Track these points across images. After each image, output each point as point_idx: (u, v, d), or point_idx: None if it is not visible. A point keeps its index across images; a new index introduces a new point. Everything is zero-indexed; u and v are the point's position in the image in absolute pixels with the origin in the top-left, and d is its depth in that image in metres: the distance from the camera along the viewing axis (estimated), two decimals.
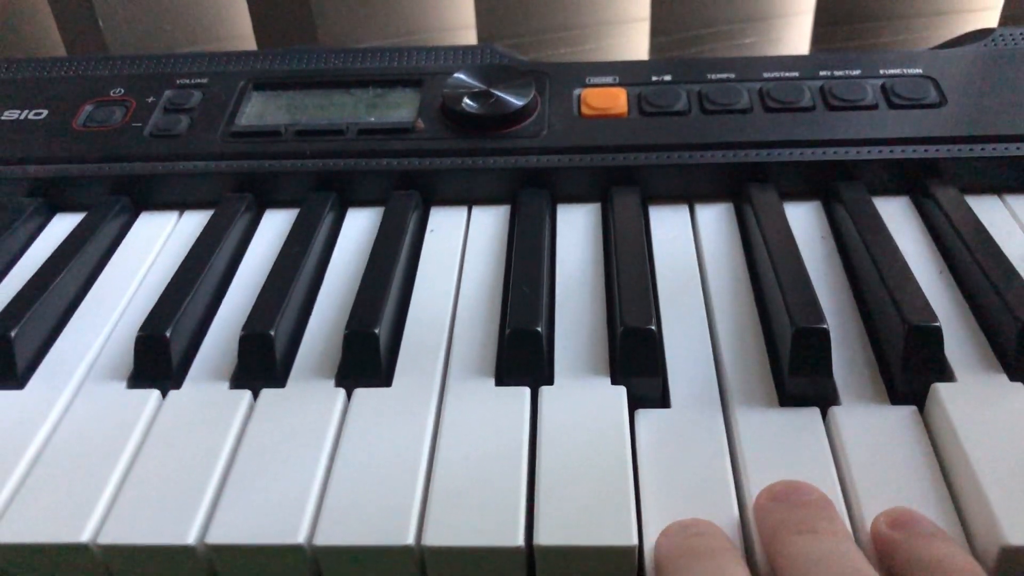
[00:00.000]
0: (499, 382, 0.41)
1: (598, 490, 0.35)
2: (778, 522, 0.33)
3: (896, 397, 0.39)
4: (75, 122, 0.57)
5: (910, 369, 0.39)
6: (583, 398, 0.39)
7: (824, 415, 0.39)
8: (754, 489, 0.35)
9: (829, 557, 0.30)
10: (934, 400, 0.38)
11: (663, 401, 0.40)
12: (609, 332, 0.43)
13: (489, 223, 0.52)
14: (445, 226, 0.52)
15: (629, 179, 0.52)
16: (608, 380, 0.40)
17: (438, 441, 0.37)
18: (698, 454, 0.37)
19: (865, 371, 0.40)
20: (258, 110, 0.58)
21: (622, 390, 0.39)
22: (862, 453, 0.36)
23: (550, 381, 0.41)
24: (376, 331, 0.41)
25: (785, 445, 0.37)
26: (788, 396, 0.39)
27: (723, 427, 0.38)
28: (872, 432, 0.37)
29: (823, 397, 0.39)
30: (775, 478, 0.35)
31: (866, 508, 0.34)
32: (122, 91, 0.60)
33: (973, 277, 0.44)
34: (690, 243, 0.49)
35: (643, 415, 0.39)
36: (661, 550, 0.33)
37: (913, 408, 0.38)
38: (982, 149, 0.51)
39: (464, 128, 0.54)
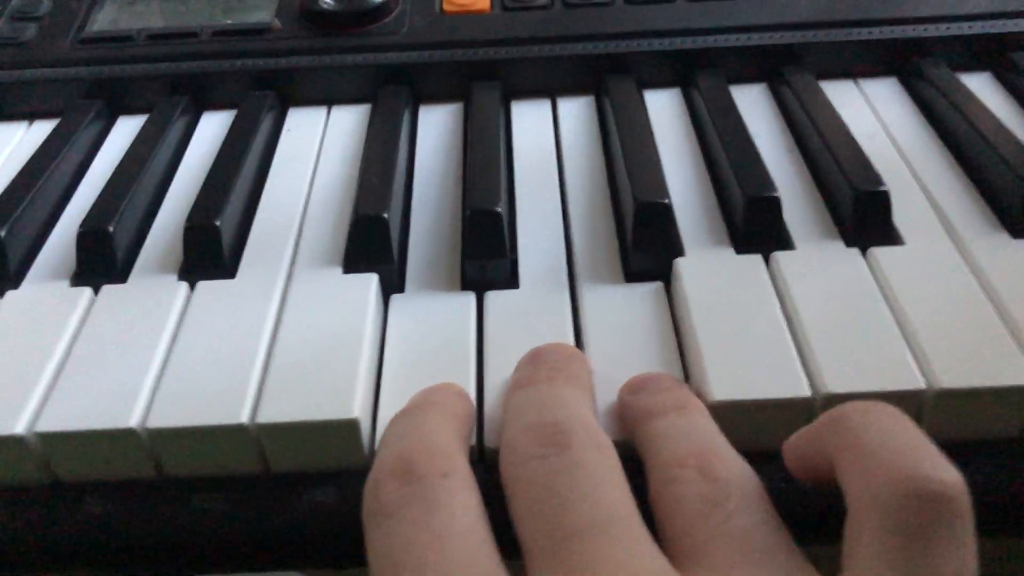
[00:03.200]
0: (347, 270, 0.40)
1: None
2: (512, 382, 0.34)
3: None
4: None
5: (752, 236, 0.40)
6: (432, 306, 0.39)
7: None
8: (596, 362, 0.35)
9: (528, 402, 0.31)
10: (775, 265, 0.39)
11: (514, 284, 0.40)
12: (462, 219, 0.43)
13: (348, 122, 0.51)
14: (302, 126, 0.51)
15: (492, 75, 0.52)
16: (459, 276, 0.40)
17: (279, 326, 0.37)
18: (544, 332, 0.37)
19: (712, 240, 0.41)
20: (111, 17, 0.56)
21: (470, 296, 0.39)
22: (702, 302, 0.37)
23: (401, 270, 0.41)
24: (217, 223, 0.40)
25: (628, 317, 0.38)
26: (632, 272, 0.40)
27: (569, 305, 0.39)
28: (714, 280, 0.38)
29: (666, 271, 0.40)
30: (618, 351, 0.36)
31: (705, 349, 0.35)
32: None
33: (817, 151, 0.45)
34: (550, 135, 0.49)
35: (492, 296, 0.39)
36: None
37: (757, 256, 0.39)
38: (837, 34, 0.52)
39: (323, 26, 0.53)
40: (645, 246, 0.40)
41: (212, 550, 0.34)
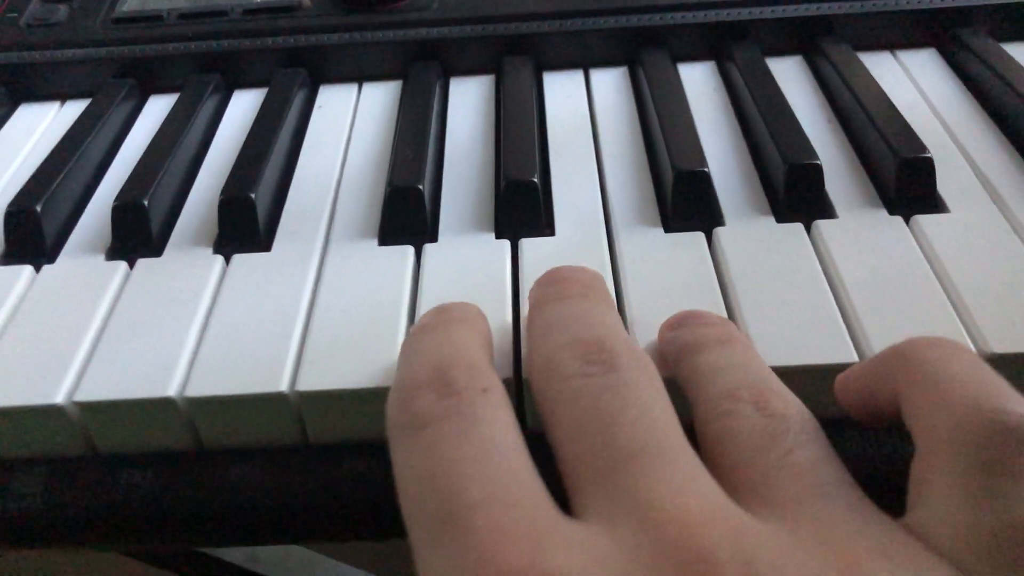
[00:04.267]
0: (382, 243, 0.40)
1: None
2: (533, 300, 0.32)
3: None
4: None
5: (793, 205, 0.39)
6: (466, 253, 0.39)
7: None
8: (635, 306, 0.35)
9: (562, 318, 0.29)
10: (817, 233, 0.38)
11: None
12: (496, 192, 0.43)
13: (380, 98, 0.51)
14: (334, 102, 0.50)
15: (524, 49, 0.52)
16: (493, 236, 0.40)
17: (316, 297, 0.37)
18: None
19: (751, 209, 0.40)
20: None
21: (505, 243, 0.39)
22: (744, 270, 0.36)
23: (434, 240, 0.40)
24: (252, 195, 0.40)
25: (668, 265, 0.37)
26: None
27: (607, 252, 0.38)
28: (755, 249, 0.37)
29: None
30: (658, 295, 0.35)
31: (748, 316, 0.34)
32: None
33: (857, 121, 0.44)
34: (584, 105, 0.49)
35: (528, 244, 0.38)
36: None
37: (798, 224, 0.39)
38: (873, 4, 0.51)
39: (353, 3, 0.52)
40: (684, 215, 0.39)
41: (251, 521, 0.34)
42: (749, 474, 0.25)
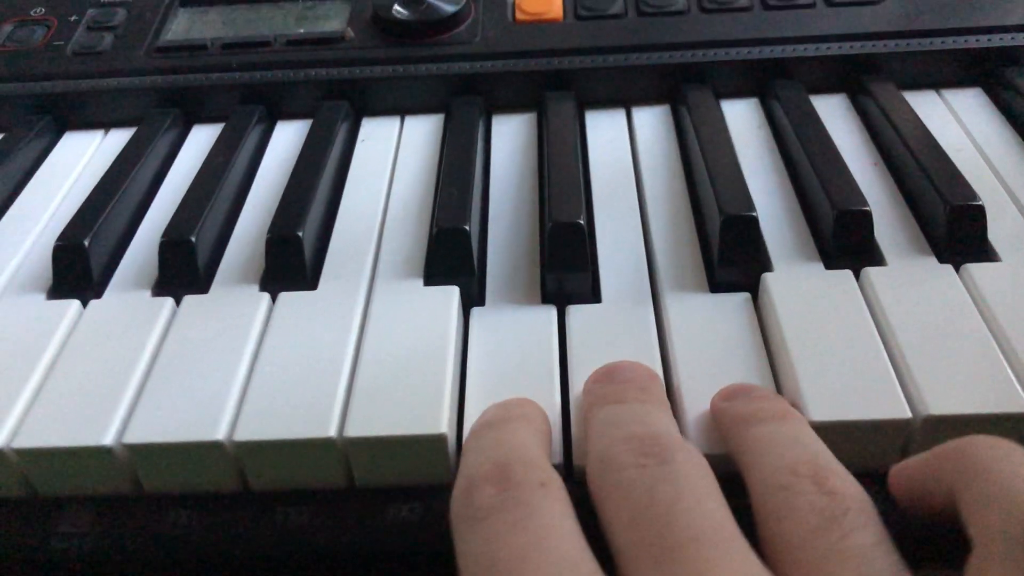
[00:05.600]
0: (427, 283, 0.40)
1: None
2: (592, 399, 0.33)
3: None
4: None
5: (841, 251, 0.39)
6: (514, 320, 0.38)
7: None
8: (683, 373, 0.35)
9: (620, 417, 0.31)
10: (866, 281, 0.38)
11: (595, 298, 0.40)
12: (541, 233, 0.43)
13: (422, 132, 0.51)
14: (377, 135, 0.50)
15: (565, 84, 0.52)
16: (539, 298, 0.40)
17: (363, 339, 0.37)
18: (628, 346, 0.37)
19: (799, 254, 0.40)
20: (184, 26, 0.56)
21: (552, 312, 0.39)
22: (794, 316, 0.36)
23: (481, 282, 0.40)
24: (299, 233, 0.40)
25: (715, 329, 0.37)
26: (717, 287, 0.39)
27: (652, 318, 0.38)
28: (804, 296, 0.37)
29: (753, 286, 0.39)
30: (705, 361, 0.35)
31: (799, 366, 0.34)
32: (43, 10, 0.58)
33: (905, 165, 0.43)
34: (626, 145, 0.49)
35: (574, 311, 0.38)
36: (470, 430, 0.33)
37: (847, 272, 0.38)
38: (919, 44, 0.50)
39: (395, 36, 0.53)
40: (732, 260, 0.39)
41: (296, 564, 0.34)
42: (803, 556, 0.25)
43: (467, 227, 0.40)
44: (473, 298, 0.40)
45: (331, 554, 0.33)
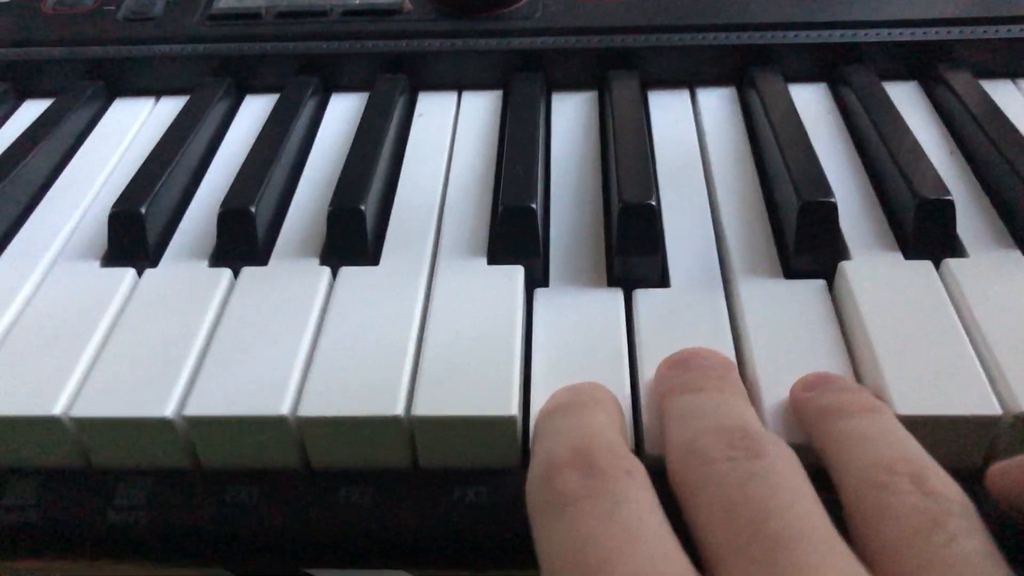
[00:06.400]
0: (491, 261, 0.39)
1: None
2: (668, 387, 0.32)
3: None
4: (44, 5, 0.54)
5: (922, 241, 0.37)
6: (578, 303, 0.37)
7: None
8: (760, 361, 0.34)
9: (702, 407, 0.29)
10: (947, 272, 0.36)
11: (662, 283, 0.38)
12: (606, 216, 0.42)
13: (480, 108, 0.50)
14: (434, 111, 0.49)
15: (627, 63, 0.50)
16: (605, 280, 0.38)
17: (428, 317, 0.36)
18: (699, 332, 0.35)
19: (877, 243, 0.39)
20: None
21: (618, 296, 0.37)
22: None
23: (544, 263, 0.39)
24: (362, 207, 0.39)
25: (791, 316, 0.36)
26: (792, 274, 0.38)
27: (724, 304, 0.37)
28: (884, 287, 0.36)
29: (827, 274, 0.38)
30: (781, 349, 0.34)
31: (882, 359, 0.33)
32: None
33: (985, 155, 0.42)
34: (691, 127, 0.47)
35: (642, 295, 0.37)
36: (539, 413, 0.32)
37: (927, 263, 0.37)
38: (996, 31, 0.49)
39: (454, 8, 0.51)
40: (808, 247, 0.38)
41: (358, 545, 0.33)
42: (904, 559, 0.24)
43: (534, 206, 0.39)
44: (536, 279, 0.39)
45: (394, 536, 0.32)
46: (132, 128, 0.50)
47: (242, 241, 0.39)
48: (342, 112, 0.50)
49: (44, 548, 0.33)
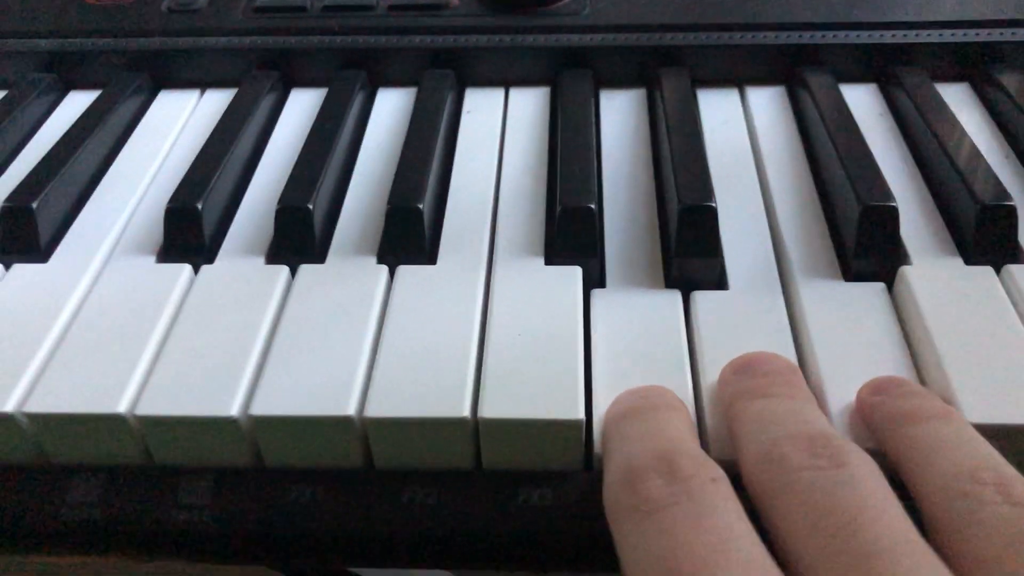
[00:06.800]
0: (548, 262, 0.39)
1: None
2: (736, 392, 0.32)
3: None
4: None
5: (982, 246, 0.37)
6: (637, 305, 0.37)
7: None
8: (824, 364, 0.34)
9: (777, 414, 0.29)
10: (1009, 278, 0.36)
11: (719, 285, 0.38)
12: (660, 217, 0.41)
13: (529, 105, 0.49)
14: (483, 108, 0.49)
15: (677, 61, 0.50)
16: (663, 281, 0.38)
17: (489, 318, 0.36)
18: (760, 335, 0.35)
19: (937, 248, 0.39)
20: None
21: (677, 298, 0.37)
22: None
23: (601, 263, 0.39)
24: (420, 206, 0.39)
25: (852, 319, 0.35)
26: (852, 275, 0.38)
27: (783, 306, 0.37)
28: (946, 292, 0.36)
29: (887, 277, 0.37)
30: (845, 353, 0.34)
31: (949, 365, 0.33)
32: None
33: None
34: (742, 126, 0.47)
35: (701, 297, 0.37)
36: (606, 416, 0.32)
37: (988, 268, 0.37)
38: None
39: (501, 4, 0.51)
40: (869, 250, 0.37)
41: (422, 545, 0.33)
42: (994, 572, 0.24)
43: (593, 206, 0.39)
44: (594, 280, 0.39)
45: (458, 537, 0.32)
46: (179, 121, 0.50)
47: (299, 238, 0.39)
48: (390, 107, 0.50)
49: (108, 546, 0.33)
